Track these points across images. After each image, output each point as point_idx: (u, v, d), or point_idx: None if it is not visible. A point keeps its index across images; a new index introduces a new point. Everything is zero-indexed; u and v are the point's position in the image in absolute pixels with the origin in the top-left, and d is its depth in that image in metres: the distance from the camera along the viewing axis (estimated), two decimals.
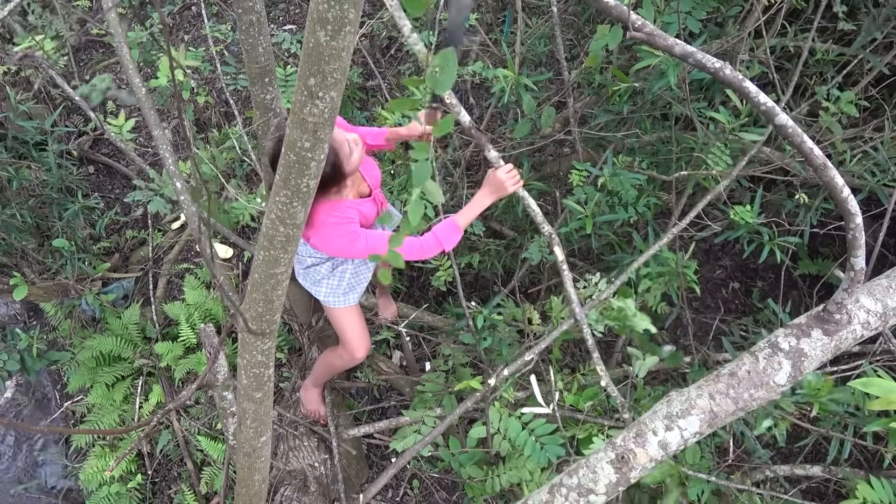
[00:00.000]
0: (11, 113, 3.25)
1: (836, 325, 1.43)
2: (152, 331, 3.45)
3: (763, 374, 1.42)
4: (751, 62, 2.37)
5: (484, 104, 4.11)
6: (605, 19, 2.59)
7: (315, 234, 2.04)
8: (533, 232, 2.93)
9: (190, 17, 4.70)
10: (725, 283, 3.68)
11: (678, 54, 1.25)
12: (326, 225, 2.01)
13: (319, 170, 1.10)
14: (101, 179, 4.16)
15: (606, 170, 2.32)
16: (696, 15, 2.15)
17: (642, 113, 2.54)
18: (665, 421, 1.41)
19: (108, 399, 3.22)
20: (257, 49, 1.81)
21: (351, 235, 2.01)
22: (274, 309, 1.39)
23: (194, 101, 3.83)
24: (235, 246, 3.46)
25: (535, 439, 2.03)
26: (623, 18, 1.22)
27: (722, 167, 2.17)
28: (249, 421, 1.72)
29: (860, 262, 1.38)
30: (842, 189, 1.29)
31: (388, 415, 3.24)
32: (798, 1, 2.42)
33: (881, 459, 2.69)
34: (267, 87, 2.02)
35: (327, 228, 2.01)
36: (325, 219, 2.01)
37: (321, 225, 2.01)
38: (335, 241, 2.02)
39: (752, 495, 2.12)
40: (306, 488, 2.73)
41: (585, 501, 1.36)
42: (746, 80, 1.24)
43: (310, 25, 0.89)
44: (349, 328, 2.46)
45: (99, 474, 3.04)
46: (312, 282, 2.40)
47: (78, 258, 3.40)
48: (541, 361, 2.35)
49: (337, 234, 2.01)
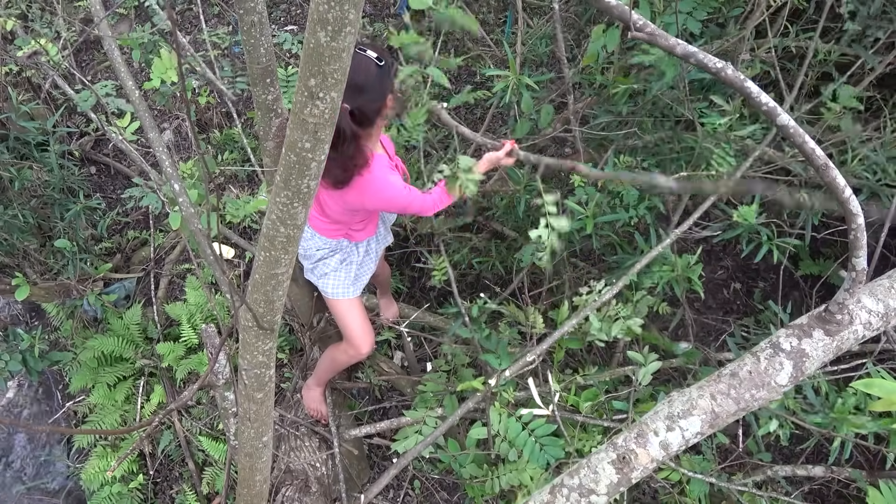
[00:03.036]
0: (13, 113, 3.25)
1: (837, 326, 1.43)
2: (154, 331, 3.45)
3: (764, 374, 1.42)
4: (752, 62, 2.37)
5: (485, 104, 4.11)
6: (606, 19, 2.59)
7: (365, 188, 2.01)
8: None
9: (191, 18, 4.70)
10: (727, 284, 3.67)
11: (680, 54, 1.25)
12: (378, 178, 2.00)
13: (320, 171, 1.10)
14: (102, 180, 4.17)
15: (608, 170, 2.32)
16: (696, 16, 2.15)
17: (643, 113, 2.54)
18: (666, 421, 1.41)
19: (110, 399, 3.22)
20: (259, 50, 1.81)
21: (404, 186, 2.05)
22: (275, 309, 1.39)
23: (196, 102, 3.84)
24: (237, 246, 3.47)
25: (535, 440, 2.03)
26: (624, 18, 1.22)
27: (726, 167, 2.17)
28: (251, 421, 1.72)
29: (862, 262, 1.38)
30: (843, 189, 1.29)
31: (390, 415, 3.24)
32: (800, 1, 2.42)
33: (883, 460, 2.69)
34: (269, 87, 2.01)
35: (381, 180, 2.01)
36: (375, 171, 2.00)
37: (372, 179, 1.99)
38: (388, 191, 2.02)
39: (753, 496, 2.12)
40: (307, 488, 2.73)
41: (587, 502, 1.36)
42: (748, 81, 1.24)
43: (310, 26, 0.89)
44: (354, 323, 2.47)
45: (101, 474, 3.04)
46: (320, 275, 2.41)
47: (80, 258, 3.40)
48: (541, 363, 2.35)
49: (389, 183, 2.02)
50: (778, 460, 3.04)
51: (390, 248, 3.34)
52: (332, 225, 2.28)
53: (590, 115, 2.83)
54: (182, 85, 0.93)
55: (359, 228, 2.32)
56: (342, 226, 2.28)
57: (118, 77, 2.16)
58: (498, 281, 3.42)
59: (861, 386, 1.40)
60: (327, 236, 2.32)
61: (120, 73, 2.14)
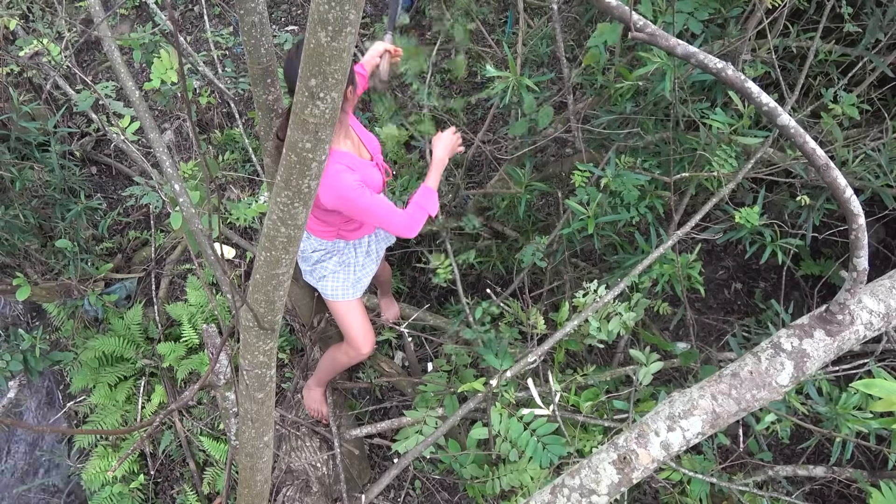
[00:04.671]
0: (14, 114, 3.26)
1: (838, 326, 1.43)
2: (155, 331, 3.46)
3: (765, 374, 1.42)
4: (753, 62, 2.36)
5: (486, 104, 4.11)
6: (607, 19, 2.59)
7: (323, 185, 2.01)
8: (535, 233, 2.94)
9: (192, 19, 4.71)
10: (728, 284, 3.67)
11: (680, 55, 1.25)
12: (333, 173, 2.00)
13: (321, 171, 1.10)
14: (103, 180, 4.17)
15: (609, 170, 2.32)
16: (698, 16, 2.15)
17: (644, 113, 2.54)
18: (667, 421, 1.40)
19: (111, 399, 3.23)
20: (259, 50, 1.81)
21: (359, 186, 2.02)
22: (276, 309, 1.39)
23: (197, 102, 3.84)
24: (238, 246, 3.47)
25: (537, 440, 2.03)
26: (625, 18, 1.22)
27: (728, 169, 2.17)
28: (251, 421, 1.72)
29: (863, 262, 1.37)
30: (844, 189, 1.28)
31: (391, 415, 3.24)
32: (801, 1, 2.42)
33: (884, 460, 2.69)
34: (269, 87, 2.01)
35: (335, 176, 2.00)
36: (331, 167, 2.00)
37: (327, 174, 2.00)
38: (340, 189, 2.01)
39: (754, 496, 2.12)
40: (308, 488, 2.73)
41: (588, 502, 1.36)
42: (748, 81, 1.23)
43: (311, 26, 0.89)
44: (354, 323, 2.47)
45: (101, 474, 3.05)
46: (318, 277, 2.41)
47: (81, 259, 3.41)
48: (542, 363, 2.35)
49: (341, 180, 2.01)
50: (779, 460, 3.04)
51: (391, 248, 3.34)
52: (322, 225, 2.27)
53: (590, 116, 2.83)
54: (183, 85, 0.93)
55: (351, 228, 2.32)
56: (332, 226, 2.28)
57: (119, 78, 2.16)
58: (499, 281, 3.42)
59: (862, 386, 1.40)
60: (321, 237, 2.31)
61: (120, 73, 2.15)
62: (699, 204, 2.52)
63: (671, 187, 2.26)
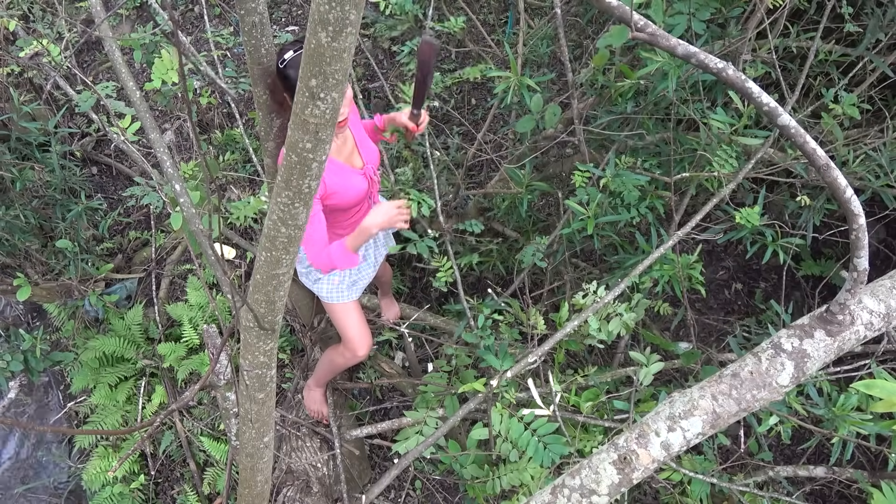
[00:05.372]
0: (15, 114, 3.26)
1: (839, 326, 1.43)
2: (155, 331, 3.46)
3: (766, 374, 1.41)
4: (753, 62, 2.36)
5: (486, 105, 4.12)
6: (607, 19, 2.59)
7: None
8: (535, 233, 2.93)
9: (192, 19, 4.71)
10: (728, 284, 3.67)
11: (680, 55, 1.24)
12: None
13: (321, 171, 1.10)
14: (104, 180, 4.17)
15: (609, 170, 2.32)
16: (699, 16, 2.15)
17: (645, 113, 2.54)
18: (667, 422, 1.40)
19: (111, 400, 3.23)
20: (260, 50, 1.82)
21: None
22: (276, 310, 1.39)
23: (197, 103, 3.84)
24: (238, 247, 3.47)
25: (538, 439, 2.02)
26: (626, 19, 1.22)
27: (728, 169, 2.16)
28: (252, 422, 1.72)
29: (863, 262, 1.37)
30: (845, 189, 1.28)
31: (391, 416, 3.24)
32: (801, 1, 2.42)
33: (884, 460, 2.69)
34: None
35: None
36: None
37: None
38: None
39: (754, 497, 2.11)
40: (309, 489, 2.73)
41: (588, 502, 1.36)
42: (749, 81, 1.23)
43: (311, 26, 0.89)
44: (350, 326, 2.46)
45: (102, 475, 3.05)
46: (314, 280, 2.40)
47: (81, 259, 3.41)
48: (542, 363, 2.35)
49: None
50: (779, 461, 3.04)
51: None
52: None
53: (591, 116, 2.83)
54: (183, 85, 0.93)
55: (341, 232, 2.30)
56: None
57: (119, 78, 2.16)
58: (499, 281, 3.42)
59: (862, 387, 1.39)
60: None
61: (121, 73, 2.15)
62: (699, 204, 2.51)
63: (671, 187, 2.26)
